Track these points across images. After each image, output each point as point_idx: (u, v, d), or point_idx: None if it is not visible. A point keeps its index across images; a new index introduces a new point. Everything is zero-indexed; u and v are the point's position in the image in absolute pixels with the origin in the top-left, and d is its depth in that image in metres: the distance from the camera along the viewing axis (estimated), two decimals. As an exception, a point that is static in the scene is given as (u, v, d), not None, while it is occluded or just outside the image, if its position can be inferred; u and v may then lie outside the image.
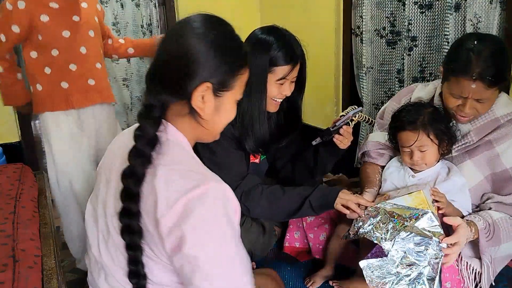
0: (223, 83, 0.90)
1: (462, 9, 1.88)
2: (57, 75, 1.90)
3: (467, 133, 1.35)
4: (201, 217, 0.82)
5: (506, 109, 1.32)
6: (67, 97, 1.93)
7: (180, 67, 0.88)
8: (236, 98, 0.95)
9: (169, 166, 0.86)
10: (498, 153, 1.32)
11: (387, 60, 2.44)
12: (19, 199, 1.61)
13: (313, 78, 3.33)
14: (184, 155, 0.92)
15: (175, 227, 0.82)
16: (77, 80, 1.94)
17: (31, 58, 1.89)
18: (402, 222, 1.20)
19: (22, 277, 1.11)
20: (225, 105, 0.93)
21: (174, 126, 0.92)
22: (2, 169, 1.93)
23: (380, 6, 2.37)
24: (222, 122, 0.97)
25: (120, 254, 0.92)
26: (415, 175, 1.41)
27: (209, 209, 0.83)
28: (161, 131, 0.90)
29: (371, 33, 2.45)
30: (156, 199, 0.83)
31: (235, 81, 0.92)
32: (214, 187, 0.85)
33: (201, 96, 0.88)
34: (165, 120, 0.92)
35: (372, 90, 2.56)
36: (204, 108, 0.89)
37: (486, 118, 1.33)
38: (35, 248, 1.27)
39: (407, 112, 1.39)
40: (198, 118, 0.91)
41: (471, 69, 1.20)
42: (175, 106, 0.91)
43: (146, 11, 3.32)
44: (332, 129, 1.51)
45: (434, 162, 1.39)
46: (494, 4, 1.75)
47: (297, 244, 1.73)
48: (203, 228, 0.82)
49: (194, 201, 0.82)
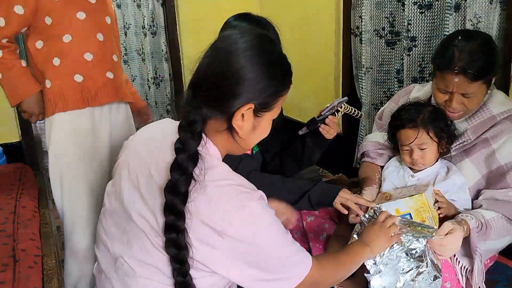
0: (265, 104, 0.91)
1: (462, 9, 1.88)
2: (69, 66, 1.57)
3: (464, 132, 1.36)
4: (263, 223, 0.90)
5: (502, 107, 1.33)
6: (82, 93, 1.60)
7: (228, 86, 0.88)
8: (273, 117, 0.97)
9: (219, 182, 0.88)
10: (494, 150, 1.32)
11: (386, 60, 2.44)
12: (20, 199, 1.62)
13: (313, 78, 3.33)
14: (226, 170, 0.93)
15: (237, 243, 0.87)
16: (93, 72, 1.61)
17: (36, 50, 1.56)
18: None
19: (22, 277, 1.12)
20: (262, 125, 0.95)
21: (211, 140, 0.94)
22: (3, 169, 1.94)
23: (380, 6, 2.38)
24: (256, 139, 0.98)
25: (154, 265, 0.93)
26: (415, 175, 1.42)
27: (266, 214, 0.91)
28: (202, 146, 0.91)
29: (371, 33, 2.45)
30: (212, 215, 0.86)
31: (277, 102, 0.94)
32: (263, 196, 0.92)
33: (242, 115, 0.89)
34: (205, 135, 0.92)
35: (371, 91, 2.56)
36: (243, 127, 0.91)
37: (482, 116, 1.34)
38: (36, 248, 1.27)
39: (407, 111, 1.40)
40: (234, 135, 0.92)
41: (454, 63, 1.23)
42: (214, 122, 0.92)
43: (147, 11, 3.32)
44: (317, 118, 1.50)
45: (433, 161, 1.39)
46: (494, 4, 1.75)
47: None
48: (265, 229, 0.90)
49: (255, 213, 0.88)
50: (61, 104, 1.57)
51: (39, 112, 1.61)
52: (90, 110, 1.61)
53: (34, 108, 1.59)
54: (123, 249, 0.96)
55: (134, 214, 0.94)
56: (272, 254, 0.92)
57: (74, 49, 1.57)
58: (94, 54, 1.60)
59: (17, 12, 1.47)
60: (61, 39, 1.54)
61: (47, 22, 1.52)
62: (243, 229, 0.86)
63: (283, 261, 0.94)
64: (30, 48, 1.57)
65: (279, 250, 0.94)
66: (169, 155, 0.90)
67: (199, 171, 0.88)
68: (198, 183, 0.86)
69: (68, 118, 1.58)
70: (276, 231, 0.93)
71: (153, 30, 3.37)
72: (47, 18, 1.51)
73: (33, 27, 1.53)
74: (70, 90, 1.57)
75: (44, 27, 1.52)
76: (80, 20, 1.56)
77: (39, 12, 1.50)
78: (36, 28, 1.53)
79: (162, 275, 0.92)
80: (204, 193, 0.86)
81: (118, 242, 0.98)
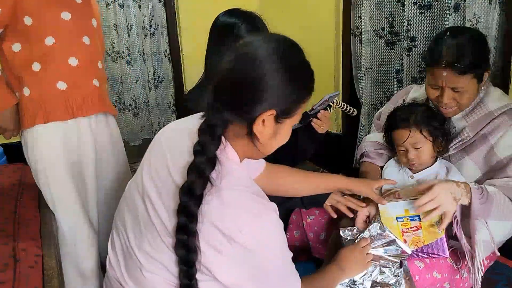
0: (287, 111, 0.91)
1: (461, 10, 1.88)
2: (51, 72, 1.39)
3: (462, 130, 1.37)
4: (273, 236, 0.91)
5: (499, 102, 1.34)
6: (66, 102, 1.43)
7: (251, 91, 0.87)
8: (293, 123, 0.96)
9: (235, 188, 0.89)
10: (492, 145, 1.33)
11: (386, 61, 2.44)
12: (20, 199, 1.62)
13: (313, 78, 3.27)
14: (244, 176, 0.94)
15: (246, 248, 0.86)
16: (79, 79, 1.44)
17: (13, 53, 1.36)
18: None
19: (22, 277, 1.12)
20: (282, 131, 0.95)
21: (231, 145, 0.94)
22: (3, 169, 1.94)
23: (379, 6, 2.38)
24: (275, 145, 0.98)
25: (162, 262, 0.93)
26: (414, 176, 1.42)
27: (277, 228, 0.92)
28: (221, 150, 0.91)
29: (370, 33, 2.45)
30: (224, 220, 0.85)
31: (298, 109, 0.94)
32: (275, 209, 0.92)
33: (263, 121, 0.89)
34: (224, 139, 0.92)
35: (371, 91, 2.57)
36: (263, 133, 0.90)
37: (480, 112, 1.35)
38: (36, 248, 1.27)
39: (400, 111, 1.41)
40: (255, 141, 0.92)
41: (442, 58, 1.25)
42: (235, 127, 0.92)
43: (147, 11, 3.32)
44: (309, 112, 1.51)
45: (429, 160, 1.40)
46: (493, 4, 1.75)
47: (297, 244, 1.73)
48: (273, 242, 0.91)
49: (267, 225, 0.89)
50: (41, 114, 1.39)
51: (15, 127, 1.45)
52: (75, 121, 1.45)
53: (9, 123, 1.42)
54: (134, 240, 0.97)
55: (150, 207, 0.94)
56: (273, 268, 0.92)
57: (57, 53, 1.39)
58: (79, 59, 1.43)
59: None
60: (42, 41, 1.36)
61: (26, 22, 1.33)
62: (252, 238, 0.86)
63: (281, 277, 0.95)
64: (5, 51, 1.38)
65: (280, 266, 0.94)
66: (188, 156, 0.90)
67: (216, 175, 0.88)
68: (214, 187, 0.86)
69: (51, 130, 1.42)
70: (282, 247, 0.94)
71: (152, 31, 3.37)
72: (27, 18, 1.33)
73: (9, 28, 1.34)
74: (52, 99, 1.40)
75: (23, 28, 1.34)
76: (65, 21, 1.39)
77: (17, 12, 1.32)
78: (13, 29, 1.34)
79: (169, 273, 0.93)
80: (219, 197, 0.86)
81: (131, 231, 0.99)
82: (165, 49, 3.42)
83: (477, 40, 1.29)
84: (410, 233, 1.24)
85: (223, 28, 1.49)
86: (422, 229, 1.23)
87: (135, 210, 0.99)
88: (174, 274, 0.92)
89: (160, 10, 3.35)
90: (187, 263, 0.88)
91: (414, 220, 1.23)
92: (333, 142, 3.02)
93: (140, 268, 0.95)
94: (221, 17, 1.53)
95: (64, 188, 1.48)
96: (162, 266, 0.93)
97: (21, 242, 1.29)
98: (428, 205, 1.20)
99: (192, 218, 0.85)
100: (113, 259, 1.05)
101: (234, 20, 1.48)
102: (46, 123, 1.41)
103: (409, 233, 1.24)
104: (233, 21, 1.48)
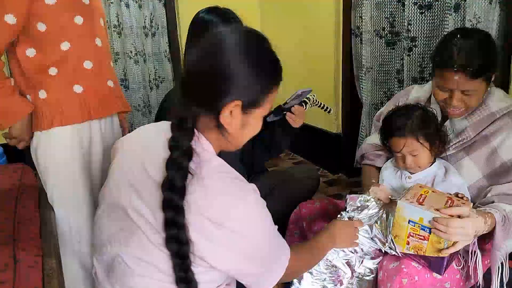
0: (253, 101, 0.92)
1: (461, 10, 1.88)
2: (67, 76, 1.41)
3: (464, 130, 1.36)
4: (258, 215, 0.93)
5: (501, 103, 1.34)
6: (82, 105, 1.45)
7: (216, 83, 0.88)
8: (263, 114, 0.97)
9: (215, 175, 0.90)
10: (496, 147, 1.32)
11: (386, 61, 2.44)
12: (20, 198, 1.61)
13: (313, 78, 3.33)
14: (222, 163, 0.95)
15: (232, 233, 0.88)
16: (94, 82, 1.47)
17: (27, 58, 1.37)
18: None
19: (22, 277, 1.11)
20: (251, 121, 0.95)
21: (204, 137, 0.95)
22: (3, 169, 1.93)
23: (380, 6, 2.38)
24: (246, 136, 0.99)
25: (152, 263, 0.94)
26: (412, 176, 1.42)
27: (260, 207, 0.94)
28: (195, 142, 0.92)
29: (371, 33, 2.45)
30: (211, 207, 0.87)
31: (266, 99, 0.94)
32: (256, 189, 0.94)
33: (230, 112, 0.90)
34: (197, 131, 0.93)
35: (371, 91, 2.57)
36: (231, 124, 0.91)
37: (482, 113, 1.34)
38: (36, 248, 1.27)
39: (396, 116, 1.39)
40: (224, 132, 0.93)
41: (453, 61, 1.23)
42: (204, 119, 0.93)
43: (148, 11, 3.32)
44: (283, 106, 1.53)
45: (428, 164, 1.39)
46: (494, 4, 1.75)
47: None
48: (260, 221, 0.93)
49: (250, 206, 0.91)
50: (58, 117, 1.41)
51: (29, 137, 1.45)
52: (89, 122, 1.48)
53: (25, 133, 1.43)
54: (120, 247, 0.97)
55: (131, 211, 0.94)
56: (264, 244, 0.95)
57: (73, 58, 1.41)
58: (93, 62, 1.46)
59: (9, 22, 1.28)
60: (58, 47, 1.38)
61: (40, 28, 1.34)
62: (240, 221, 0.89)
63: (272, 250, 0.98)
64: (18, 56, 1.38)
65: (270, 240, 0.97)
66: (164, 152, 0.90)
67: (195, 165, 0.89)
68: (195, 177, 0.88)
69: (68, 132, 1.44)
70: (268, 223, 0.96)
71: (153, 31, 3.37)
72: (40, 24, 1.34)
73: (22, 34, 1.35)
74: (69, 102, 1.42)
75: (36, 34, 1.35)
76: (78, 25, 1.40)
77: (30, 18, 1.32)
78: (26, 34, 1.35)
79: (160, 273, 0.93)
80: (201, 186, 0.87)
81: (116, 241, 0.98)
82: (165, 49, 3.42)
83: (487, 42, 1.28)
84: (416, 238, 1.23)
85: (200, 25, 1.52)
86: (428, 241, 1.21)
87: (117, 218, 0.99)
88: (166, 272, 0.92)
89: (160, 10, 3.35)
90: (181, 256, 0.88)
91: (424, 230, 1.20)
92: (333, 142, 3.01)
93: (131, 274, 0.95)
94: (201, 13, 1.55)
95: (74, 188, 1.49)
96: (153, 266, 0.93)
97: (21, 242, 1.28)
98: (452, 235, 1.14)
99: (178, 211, 0.86)
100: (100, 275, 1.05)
101: (212, 18, 1.50)
102: (64, 126, 1.42)
103: (414, 239, 1.23)
104: (210, 19, 1.50)
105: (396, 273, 1.25)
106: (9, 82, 1.37)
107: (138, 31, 3.33)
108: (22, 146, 1.48)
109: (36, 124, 1.43)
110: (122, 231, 0.97)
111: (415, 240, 1.23)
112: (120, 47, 3.34)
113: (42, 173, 1.50)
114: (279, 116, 1.54)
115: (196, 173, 0.88)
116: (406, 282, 1.23)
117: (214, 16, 1.51)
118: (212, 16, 1.51)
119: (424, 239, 1.21)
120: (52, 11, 1.34)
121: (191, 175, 0.88)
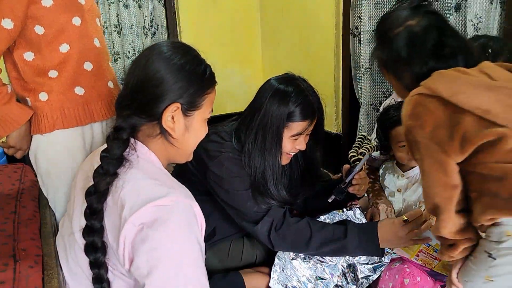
0: (191, 103, 0.94)
1: (462, 10, 1.88)
2: (68, 78, 1.38)
3: None
4: (165, 226, 0.81)
5: None
6: (85, 107, 1.42)
7: (149, 89, 0.91)
8: (205, 117, 1.00)
9: (138, 179, 0.89)
10: None
11: (386, 61, 2.44)
12: (20, 198, 1.61)
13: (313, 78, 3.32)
14: (156, 170, 0.94)
15: (139, 232, 0.82)
16: (95, 83, 1.44)
17: (25, 62, 1.34)
18: None
19: (22, 277, 1.11)
20: (194, 124, 0.97)
21: (147, 147, 0.95)
22: (3, 169, 1.93)
23: (379, 6, 2.38)
24: (193, 141, 1.00)
25: (82, 272, 0.94)
26: (404, 174, 1.45)
27: (175, 219, 0.83)
28: (131, 151, 0.92)
29: (370, 33, 2.46)
30: (122, 208, 0.84)
31: (203, 100, 0.97)
32: (182, 201, 0.86)
33: (171, 116, 0.92)
34: (135, 140, 0.94)
35: (370, 91, 2.57)
36: (174, 128, 0.93)
37: None
38: (36, 248, 1.27)
39: (395, 109, 1.41)
40: (169, 138, 0.94)
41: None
42: (146, 128, 0.94)
43: (148, 11, 3.32)
44: (343, 186, 1.43)
45: None
46: (495, 4, 1.75)
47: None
48: (167, 236, 0.81)
49: (161, 209, 0.82)
50: (61, 120, 1.39)
51: (28, 146, 1.43)
52: (91, 125, 1.46)
53: (23, 142, 1.41)
54: (63, 264, 1.01)
55: (76, 227, 0.96)
56: (167, 254, 0.82)
57: (73, 60, 1.38)
58: (93, 63, 1.43)
59: (6, 27, 1.25)
60: (57, 49, 1.34)
61: (37, 31, 1.31)
62: (158, 225, 0.82)
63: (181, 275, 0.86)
64: (16, 59, 1.35)
65: (178, 253, 0.84)
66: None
67: (124, 170, 0.90)
68: (120, 179, 0.88)
69: (70, 135, 1.41)
70: (185, 235, 0.85)
71: (153, 31, 3.37)
72: (38, 27, 1.30)
73: (19, 38, 1.32)
74: (71, 104, 1.40)
75: (34, 37, 1.31)
76: (77, 26, 1.37)
77: (27, 21, 1.29)
78: (24, 39, 1.32)
79: (90, 283, 0.93)
80: (122, 187, 0.87)
81: (63, 259, 1.02)
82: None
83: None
84: (427, 255, 1.23)
85: (275, 97, 1.36)
86: (439, 262, 1.21)
87: (64, 238, 1.02)
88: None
89: (160, 10, 3.35)
90: (98, 265, 0.89)
91: (437, 252, 1.21)
92: (333, 142, 3.01)
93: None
94: (278, 85, 1.39)
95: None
96: (85, 276, 0.94)
97: (21, 242, 1.28)
98: None
99: (96, 215, 0.86)
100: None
101: (289, 91, 1.37)
102: (66, 128, 1.40)
103: (425, 255, 1.23)
104: (288, 92, 1.38)
105: (398, 273, 1.25)
106: (5, 90, 1.33)
107: (138, 31, 3.33)
108: (20, 155, 1.46)
109: (37, 127, 1.39)
110: (65, 250, 1.01)
111: (426, 256, 1.23)
112: (120, 47, 3.34)
113: (43, 176, 1.48)
114: (342, 196, 1.43)
115: (121, 176, 0.89)
116: (408, 282, 1.23)
117: (293, 91, 1.38)
118: (291, 90, 1.37)
119: (435, 259, 1.21)
120: (50, 13, 1.30)
121: (117, 179, 0.88)
